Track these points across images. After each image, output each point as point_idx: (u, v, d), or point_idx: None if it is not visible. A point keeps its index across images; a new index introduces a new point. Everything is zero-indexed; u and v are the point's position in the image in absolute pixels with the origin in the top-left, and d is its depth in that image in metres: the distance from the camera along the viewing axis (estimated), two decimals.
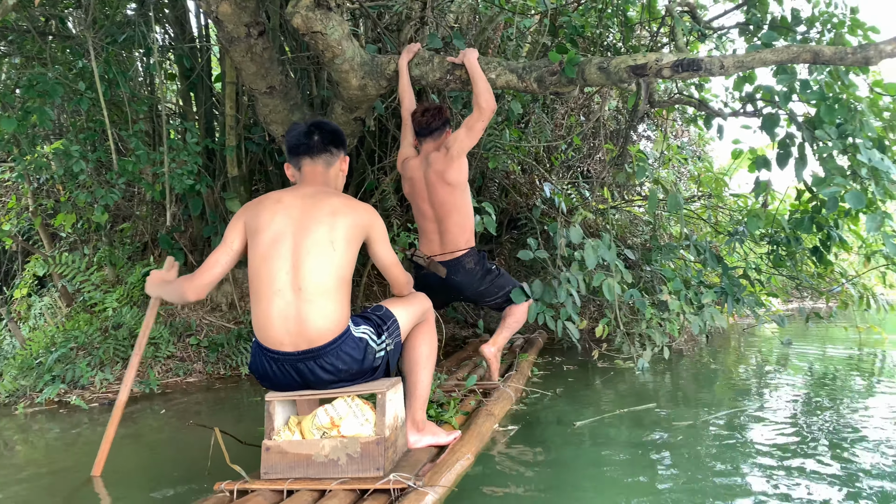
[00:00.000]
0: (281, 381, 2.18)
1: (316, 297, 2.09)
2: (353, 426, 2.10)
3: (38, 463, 2.89)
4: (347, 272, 2.19)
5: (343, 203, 2.25)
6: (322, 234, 2.15)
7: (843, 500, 2.12)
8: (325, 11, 3.29)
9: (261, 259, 2.16)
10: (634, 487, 2.30)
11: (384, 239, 2.36)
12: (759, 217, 4.35)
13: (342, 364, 2.14)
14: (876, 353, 4.98)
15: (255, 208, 2.27)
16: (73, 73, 3.91)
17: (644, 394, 3.76)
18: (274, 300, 2.10)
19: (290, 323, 2.09)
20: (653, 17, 5.12)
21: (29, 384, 3.88)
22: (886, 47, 3.16)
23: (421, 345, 2.54)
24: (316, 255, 2.12)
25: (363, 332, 2.23)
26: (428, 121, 3.28)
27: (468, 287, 3.44)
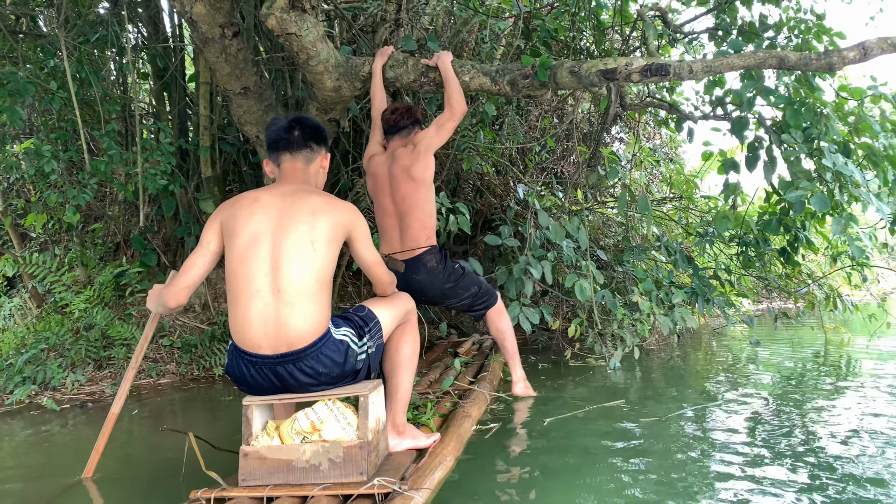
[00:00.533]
0: (259, 384, 2.13)
1: (296, 299, 2.05)
2: (335, 430, 2.06)
3: (7, 466, 2.86)
4: (328, 273, 2.14)
5: (324, 202, 2.19)
6: (302, 234, 2.10)
7: (803, 488, 2.19)
8: (299, 13, 3.30)
9: (238, 260, 2.10)
10: (602, 482, 2.35)
11: (366, 238, 2.31)
12: (727, 219, 4.44)
13: (322, 367, 2.09)
14: (841, 353, 5.10)
15: (232, 208, 2.21)
16: (44, 72, 3.87)
17: (615, 392, 3.82)
18: (252, 302, 2.05)
19: (268, 325, 2.05)
20: (625, 21, 5.19)
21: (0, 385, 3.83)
22: (849, 53, 3.26)
23: (403, 346, 2.50)
24: (296, 256, 2.07)
25: (344, 335, 2.18)
26: (396, 119, 3.28)
27: (430, 287, 3.33)
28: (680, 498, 2.18)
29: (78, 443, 3.15)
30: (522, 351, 5.11)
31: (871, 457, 2.55)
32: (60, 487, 2.53)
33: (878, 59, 3.34)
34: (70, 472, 2.62)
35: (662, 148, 9.23)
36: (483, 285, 3.59)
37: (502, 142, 5.46)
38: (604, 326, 4.78)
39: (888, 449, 2.62)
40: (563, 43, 5.39)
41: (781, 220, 4.51)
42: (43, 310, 4.51)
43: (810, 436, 2.85)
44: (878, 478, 2.31)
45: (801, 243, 4.75)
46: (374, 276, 2.43)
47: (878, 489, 2.21)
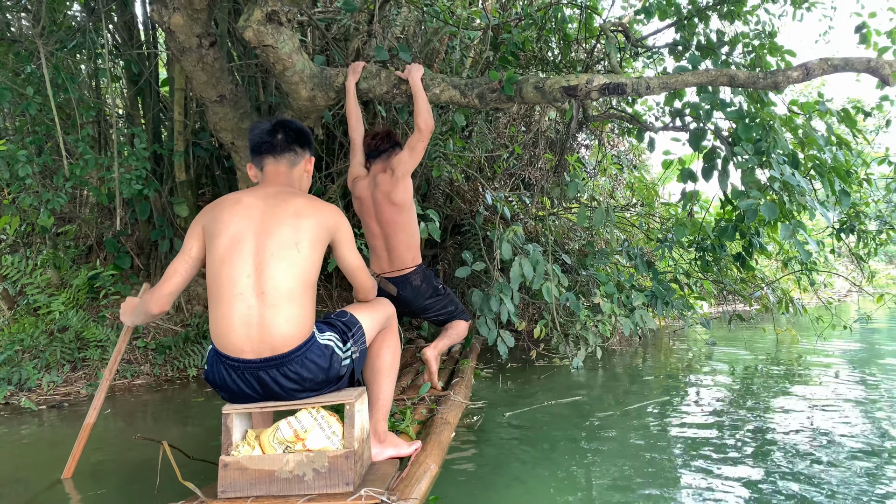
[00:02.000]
0: (241, 391, 2.04)
1: (280, 302, 1.99)
2: (320, 439, 1.99)
3: None
4: (313, 276, 2.08)
5: (307, 203, 2.15)
6: (286, 235, 2.05)
7: (751, 468, 2.39)
8: (276, 26, 3.41)
9: (220, 262, 2.04)
10: (565, 466, 2.52)
11: (350, 241, 2.27)
12: (684, 225, 4.65)
13: (307, 372, 2.03)
14: (790, 352, 5.37)
15: (213, 211, 2.16)
16: (20, 77, 3.92)
17: (577, 388, 4.01)
18: (235, 304, 1.98)
19: (252, 329, 1.98)
20: (589, 35, 5.40)
21: None
22: (793, 73, 3.49)
23: (384, 352, 2.46)
24: (280, 258, 2.02)
25: (329, 339, 2.13)
26: (377, 144, 3.42)
27: (414, 302, 3.52)
28: (631, 477, 2.36)
29: (56, 443, 3.21)
30: (491, 350, 5.30)
31: (814, 441, 2.77)
32: (41, 487, 2.59)
33: (819, 78, 3.57)
34: (50, 472, 2.69)
35: (627, 154, 9.51)
36: (459, 306, 3.76)
37: (472, 150, 5.62)
38: (568, 328, 4.98)
39: (828, 435, 2.85)
40: (531, 54, 5.58)
41: (737, 226, 4.75)
42: (16, 311, 4.54)
43: (758, 421, 3.07)
44: (818, 459, 2.53)
45: (756, 249, 5.00)
46: (356, 281, 2.39)
47: (818, 468, 2.42)
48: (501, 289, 4.30)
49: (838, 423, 3.12)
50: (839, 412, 3.34)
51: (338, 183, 5.14)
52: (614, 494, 2.31)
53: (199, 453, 2.52)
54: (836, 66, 3.45)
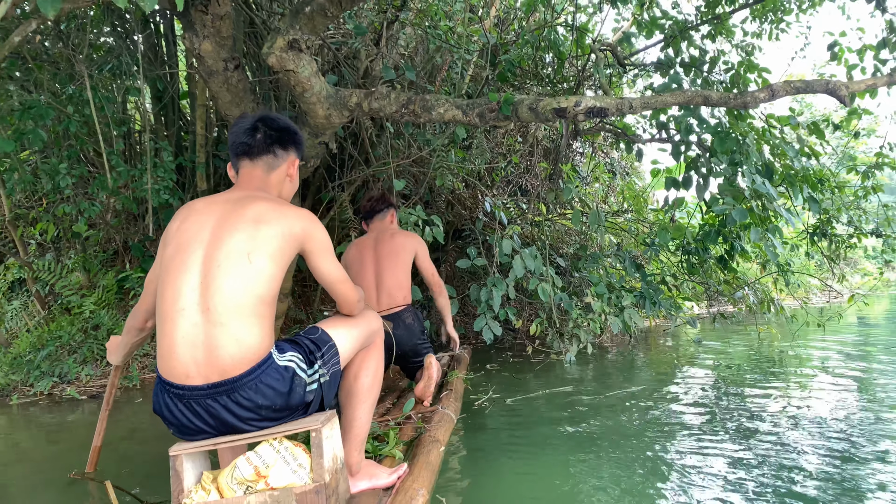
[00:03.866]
0: (190, 424, 1.78)
1: (228, 320, 1.74)
2: (284, 475, 1.74)
3: (42, 445, 3.30)
4: (269, 289, 1.82)
5: (270, 208, 1.91)
6: (236, 244, 1.82)
7: (731, 449, 2.77)
8: (296, 52, 3.80)
9: (166, 272, 1.84)
10: (557, 447, 2.90)
11: (325, 251, 2.00)
12: (667, 231, 5.04)
13: (263, 399, 1.77)
14: (771, 349, 5.76)
15: (172, 220, 1.98)
16: (61, 97, 4.30)
17: (569, 380, 4.40)
18: (178, 322, 1.75)
19: (197, 350, 1.73)
20: (581, 52, 5.80)
21: (20, 379, 4.27)
22: (760, 94, 3.88)
23: (363, 374, 2.18)
24: (227, 270, 1.78)
25: (290, 360, 1.87)
26: (373, 205, 3.88)
27: (407, 342, 3.48)
28: (613, 451, 2.75)
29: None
30: (491, 348, 5.68)
31: (789, 426, 3.15)
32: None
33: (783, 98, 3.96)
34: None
35: (620, 161, 9.92)
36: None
37: (472, 160, 6.01)
38: (562, 326, 5.37)
39: (803, 420, 3.24)
40: (527, 70, 5.98)
41: (720, 231, 5.13)
42: (50, 311, 4.92)
43: (738, 408, 3.45)
44: (795, 444, 2.91)
45: (737, 252, 5.38)
46: (337, 295, 2.10)
47: (794, 452, 2.81)
48: (495, 283, 4.67)
49: (810, 405, 3.51)
50: (812, 397, 3.73)
51: (348, 191, 5.53)
52: (595, 463, 2.69)
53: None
54: (797, 88, 3.84)
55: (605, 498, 2.34)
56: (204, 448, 1.77)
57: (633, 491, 2.39)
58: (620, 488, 2.42)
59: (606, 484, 2.46)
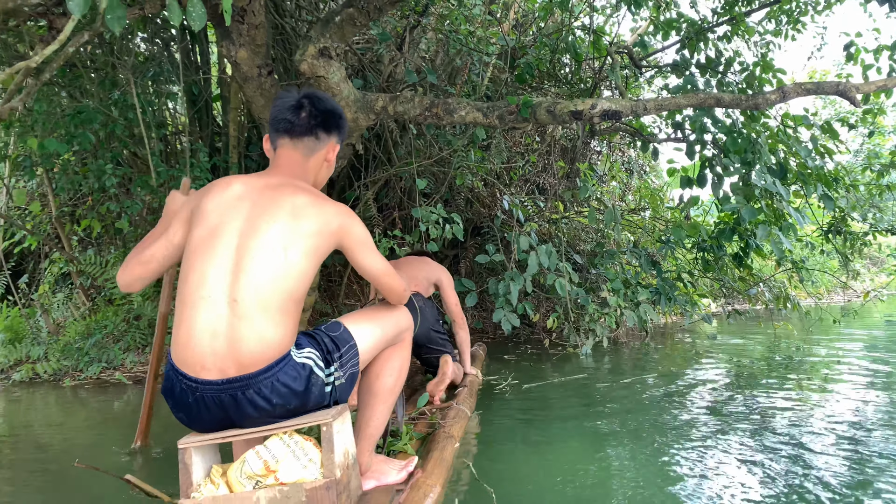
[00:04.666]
0: (201, 416, 1.73)
1: (254, 314, 1.68)
2: (294, 470, 1.70)
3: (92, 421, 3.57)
4: (300, 286, 1.77)
5: (310, 202, 1.83)
6: (273, 236, 1.75)
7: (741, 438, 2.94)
8: (327, 60, 4.03)
9: (193, 255, 1.75)
10: (576, 432, 3.10)
11: (365, 244, 1.93)
12: (681, 228, 5.19)
13: (277, 398, 1.72)
14: (787, 345, 5.88)
15: (202, 195, 1.89)
16: (108, 102, 4.57)
17: (584, 371, 4.58)
18: (200, 309, 1.68)
19: (217, 341, 1.67)
20: (598, 54, 5.97)
21: (71, 364, 4.60)
22: (771, 96, 4.04)
23: (386, 373, 2.08)
24: (261, 263, 1.71)
25: (307, 357, 1.80)
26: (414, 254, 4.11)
27: (421, 324, 3.51)
28: (626, 436, 2.94)
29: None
30: (510, 341, 5.89)
31: (803, 421, 3.32)
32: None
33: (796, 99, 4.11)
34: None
35: (637, 160, 10.05)
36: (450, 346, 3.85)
37: (490, 160, 6.20)
38: (578, 320, 5.55)
39: (817, 416, 3.37)
40: (546, 72, 6.16)
41: (735, 229, 5.27)
42: (95, 302, 5.23)
43: (750, 401, 3.62)
44: (807, 440, 3.08)
45: (752, 249, 5.52)
46: (382, 288, 2.05)
47: (806, 447, 2.98)
48: (512, 277, 4.86)
49: (826, 401, 3.66)
50: (827, 394, 3.87)
51: (372, 190, 5.75)
52: (613, 444, 2.88)
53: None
54: (808, 90, 3.99)
55: (617, 476, 2.51)
56: (213, 441, 1.75)
57: (645, 466, 2.56)
58: (633, 465, 2.60)
59: (619, 463, 2.64)
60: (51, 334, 5.06)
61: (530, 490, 2.34)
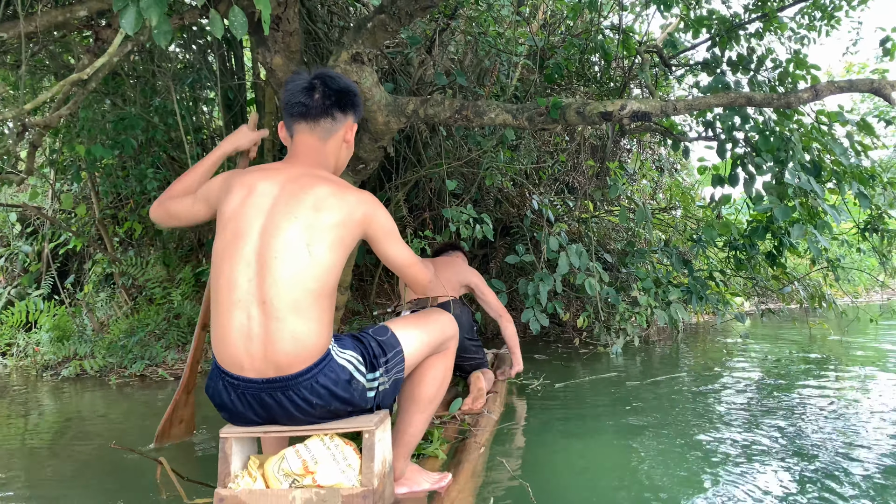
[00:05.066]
0: (240, 412, 1.76)
1: (285, 314, 1.67)
2: (333, 473, 1.70)
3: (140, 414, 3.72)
4: (330, 282, 1.75)
5: (330, 192, 1.80)
6: (295, 234, 1.72)
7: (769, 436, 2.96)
8: (359, 65, 4.11)
9: (220, 259, 1.76)
10: (609, 429, 3.14)
11: (390, 234, 1.91)
12: (712, 227, 5.18)
13: (317, 399, 1.72)
14: (822, 344, 5.83)
15: (230, 184, 1.87)
16: (149, 109, 4.74)
17: (615, 369, 4.61)
18: (233, 313, 1.70)
19: (253, 343, 1.68)
20: (628, 53, 5.97)
21: (116, 361, 4.80)
22: (803, 95, 4.01)
23: (428, 381, 2.07)
24: (286, 261, 1.70)
25: (348, 360, 1.79)
26: (443, 248, 4.16)
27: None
28: (657, 434, 2.97)
29: None
30: (540, 340, 5.92)
31: (835, 419, 3.32)
32: None
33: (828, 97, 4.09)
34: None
35: (669, 158, 9.99)
36: (484, 357, 3.80)
37: (520, 161, 6.24)
38: (608, 319, 5.57)
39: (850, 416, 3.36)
40: (575, 71, 6.18)
41: (768, 227, 5.24)
42: (136, 301, 5.42)
43: (781, 398, 3.62)
44: (838, 439, 3.09)
45: (785, 247, 5.48)
46: (408, 278, 2.03)
47: (836, 447, 2.98)
48: (542, 277, 4.90)
49: (860, 402, 3.63)
50: (861, 395, 3.85)
51: (402, 191, 5.84)
52: (642, 439, 2.92)
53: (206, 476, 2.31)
54: (841, 88, 3.96)
55: (649, 472, 2.55)
56: (254, 434, 1.78)
57: (672, 461, 2.60)
58: (665, 463, 2.63)
59: (651, 460, 2.68)
60: (95, 332, 5.26)
61: (563, 485, 2.39)
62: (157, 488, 2.35)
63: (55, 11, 3.76)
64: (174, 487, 2.18)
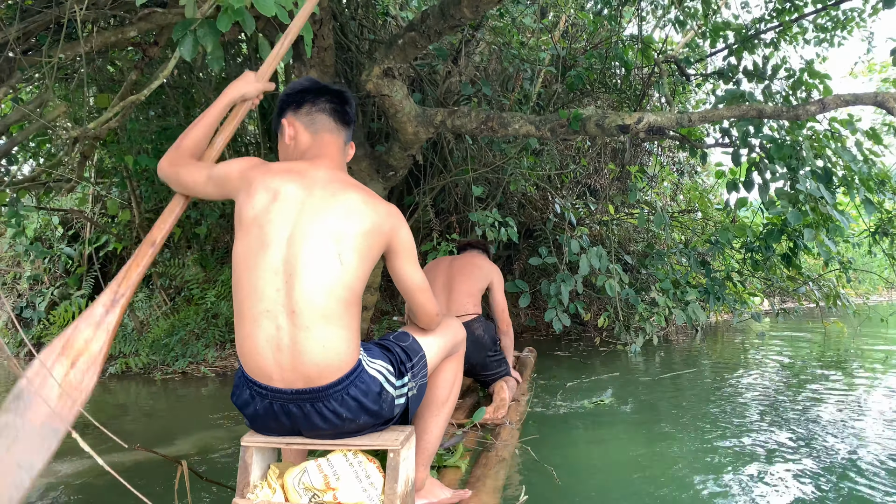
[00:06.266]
0: (266, 421, 1.73)
1: (315, 324, 1.63)
2: (354, 491, 1.66)
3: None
4: (358, 289, 1.71)
5: (362, 200, 1.75)
6: (324, 242, 1.67)
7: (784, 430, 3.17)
8: (390, 79, 4.37)
9: (244, 267, 1.69)
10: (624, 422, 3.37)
11: (409, 253, 1.86)
12: (728, 230, 5.37)
13: (347, 412, 1.68)
14: (837, 343, 6.00)
15: (251, 180, 1.77)
16: (190, 119, 5.03)
17: (634, 367, 4.83)
18: (261, 324, 1.64)
19: (282, 354, 1.64)
20: (647, 62, 6.17)
21: (159, 359, 5.09)
22: (811, 108, 4.20)
23: (441, 384, 2.05)
24: (316, 270, 1.65)
25: (378, 371, 1.76)
26: (467, 245, 4.04)
27: (475, 355, 3.38)
28: (675, 428, 3.19)
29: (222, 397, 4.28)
30: (562, 339, 6.15)
31: (847, 418, 3.51)
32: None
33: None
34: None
35: (689, 161, 10.16)
36: (507, 366, 3.71)
37: (543, 167, 6.47)
38: (628, 319, 5.78)
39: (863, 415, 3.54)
40: (595, 79, 6.39)
41: (783, 230, 5.41)
42: (174, 303, 5.73)
43: (795, 393, 3.82)
44: (849, 437, 3.29)
45: (800, 249, 5.65)
46: (416, 304, 1.94)
47: (848, 446, 3.19)
48: (564, 279, 5.13)
49: (874, 400, 3.83)
50: (876, 394, 4.04)
51: (430, 196, 6.09)
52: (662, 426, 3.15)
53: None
54: (847, 101, 4.14)
55: (662, 461, 2.78)
56: (277, 445, 1.76)
57: (688, 454, 2.83)
58: (683, 456, 2.86)
59: (669, 453, 2.91)
60: (136, 331, 5.57)
61: (591, 479, 2.62)
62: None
63: (108, 33, 4.08)
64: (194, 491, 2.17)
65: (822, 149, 5.01)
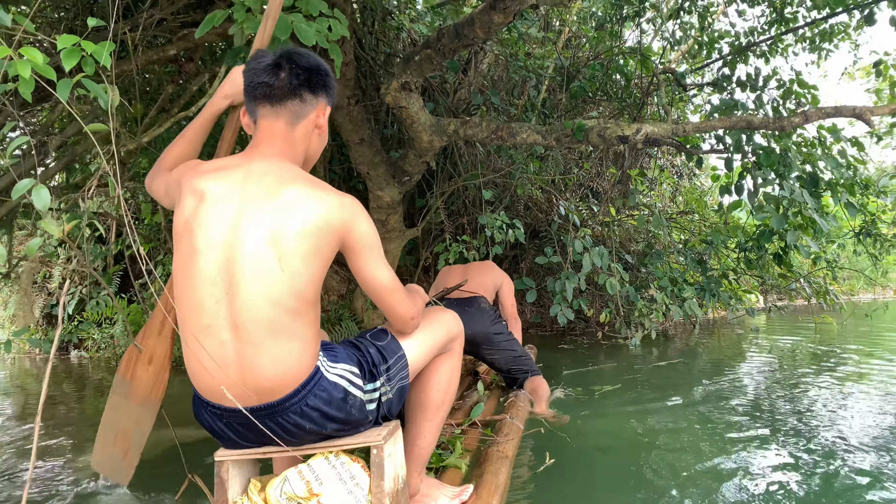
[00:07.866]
0: (233, 439, 1.62)
1: (262, 338, 1.48)
2: (339, 494, 1.57)
3: None
4: (309, 294, 1.52)
5: (304, 193, 1.53)
6: (264, 247, 1.48)
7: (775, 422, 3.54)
8: (408, 92, 4.75)
9: (181, 277, 1.54)
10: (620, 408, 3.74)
11: (371, 250, 1.62)
12: (720, 232, 5.74)
13: (310, 423, 1.56)
14: (825, 337, 6.36)
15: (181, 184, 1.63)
16: (219, 128, 5.39)
17: (630, 357, 5.20)
18: (203, 340, 1.49)
19: (230, 370, 1.50)
20: (646, 72, 6.54)
21: None
22: (794, 119, 4.56)
23: (434, 386, 1.89)
24: (256, 279, 1.47)
25: (340, 375, 1.62)
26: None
27: (478, 324, 3.48)
28: (657, 414, 3.56)
29: None
30: (566, 333, 6.52)
31: (838, 410, 3.88)
32: None
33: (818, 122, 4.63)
34: None
35: (688, 164, 10.53)
36: (527, 353, 3.77)
37: (548, 170, 6.84)
38: (628, 315, 6.15)
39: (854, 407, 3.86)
40: (598, 88, 6.76)
41: (774, 231, 5.77)
42: None
43: (788, 386, 4.19)
44: (840, 430, 3.65)
45: (791, 249, 6.01)
46: (386, 307, 1.72)
47: (839, 438, 3.55)
48: (567, 276, 5.50)
49: (866, 393, 4.19)
50: (867, 387, 4.40)
51: (442, 198, 6.47)
52: (651, 415, 3.52)
53: None
54: (828, 113, 4.51)
55: (661, 447, 3.14)
56: (253, 456, 1.64)
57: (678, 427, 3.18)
58: (674, 435, 3.22)
59: (655, 425, 3.27)
60: None
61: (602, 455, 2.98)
62: None
63: (150, 51, 4.47)
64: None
65: (810, 155, 5.38)
